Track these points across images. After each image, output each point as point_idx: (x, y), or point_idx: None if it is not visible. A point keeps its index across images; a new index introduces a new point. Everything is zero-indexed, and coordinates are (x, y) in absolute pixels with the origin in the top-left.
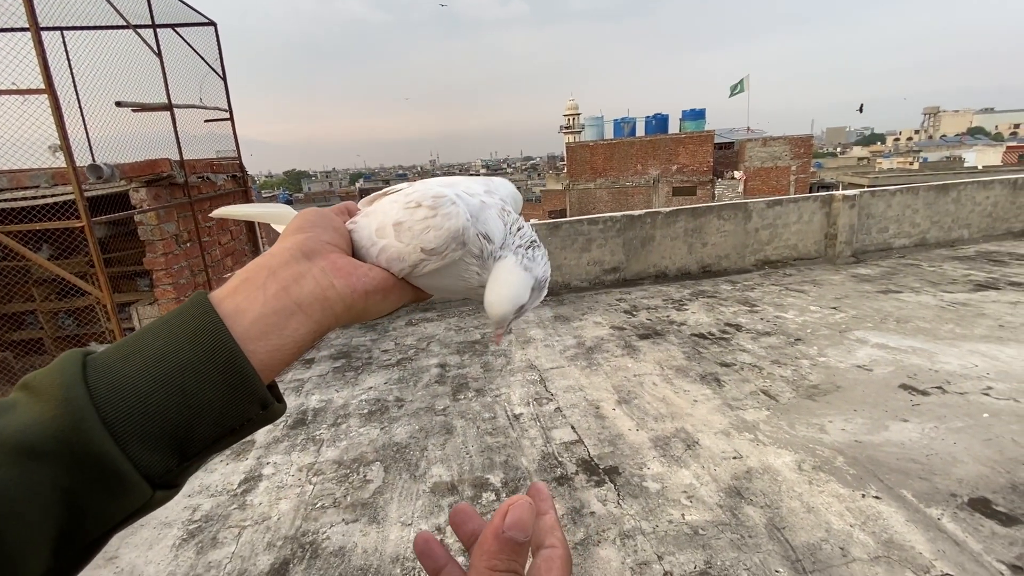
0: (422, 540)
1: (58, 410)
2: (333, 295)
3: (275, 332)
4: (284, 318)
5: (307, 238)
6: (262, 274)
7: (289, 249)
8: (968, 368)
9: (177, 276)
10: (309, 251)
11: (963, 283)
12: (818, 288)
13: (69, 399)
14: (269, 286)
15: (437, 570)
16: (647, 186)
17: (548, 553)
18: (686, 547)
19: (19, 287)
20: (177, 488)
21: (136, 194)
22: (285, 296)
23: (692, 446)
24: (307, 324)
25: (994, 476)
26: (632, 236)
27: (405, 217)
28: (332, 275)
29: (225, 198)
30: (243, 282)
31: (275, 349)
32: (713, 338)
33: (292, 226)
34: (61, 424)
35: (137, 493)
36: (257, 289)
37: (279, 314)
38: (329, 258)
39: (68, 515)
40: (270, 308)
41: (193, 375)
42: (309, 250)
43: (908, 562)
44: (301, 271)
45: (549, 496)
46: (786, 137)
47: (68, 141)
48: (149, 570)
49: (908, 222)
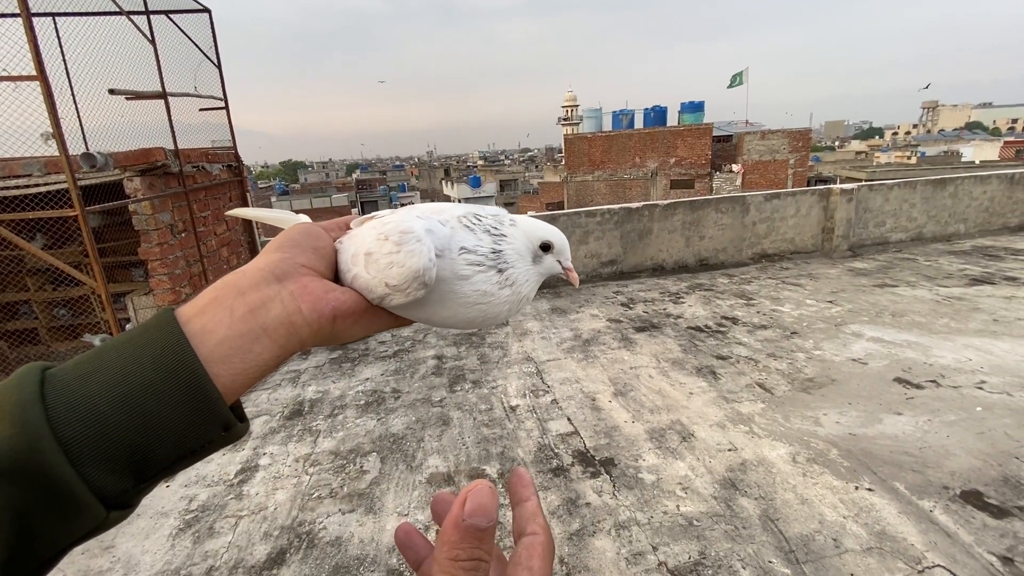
0: (402, 532)
1: (13, 429)
2: (299, 320)
3: (239, 355)
4: (249, 342)
5: (281, 259)
6: (230, 294)
7: (261, 270)
8: (962, 362)
9: (172, 266)
10: (281, 273)
11: (959, 278)
12: (815, 282)
13: (25, 419)
14: (237, 308)
15: (418, 562)
16: (645, 179)
17: (529, 540)
18: (680, 538)
19: (13, 277)
20: (132, 508)
21: (130, 183)
22: (252, 319)
23: (687, 438)
24: (272, 349)
25: (986, 469)
26: (630, 229)
27: (375, 248)
28: (300, 299)
29: (220, 188)
30: (211, 301)
31: (239, 372)
32: (709, 331)
33: (274, 243)
34: (16, 444)
35: (90, 515)
36: (224, 310)
37: (244, 337)
38: (300, 281)
39: (19, 536)
40: (236, 331)
41: (155, 396)
42: (281, 272)
43: (900, 553)
44: (270, 294)
45: (531, 482)
46: (784, 130)
47: (60, 129)
48: (146, 559)
49: (905, 216)
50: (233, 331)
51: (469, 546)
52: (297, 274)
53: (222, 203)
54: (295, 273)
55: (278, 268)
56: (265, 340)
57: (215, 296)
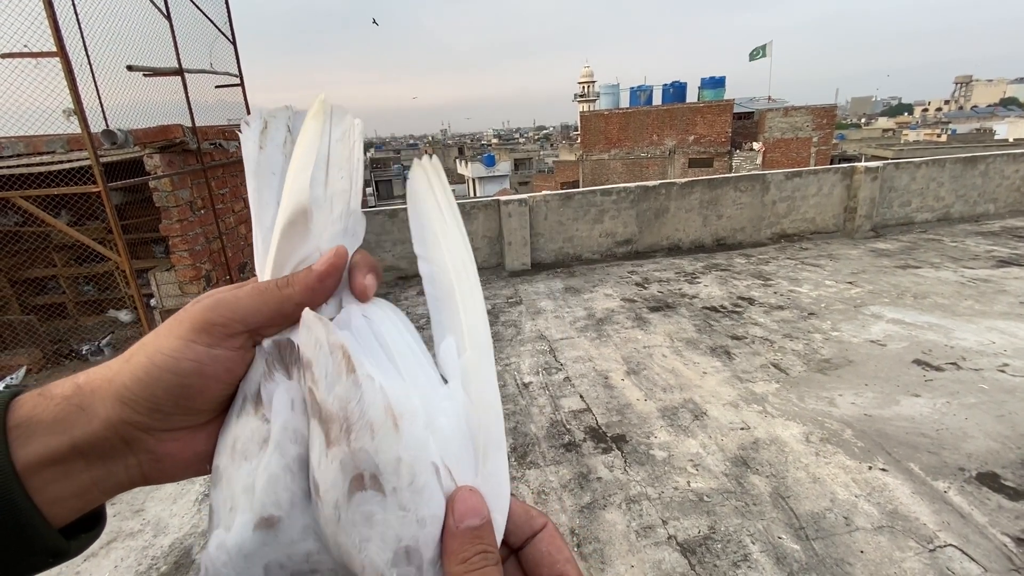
0: None
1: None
2: (140, 482)
3: (74, 501)
4: (86, 502)
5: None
6: (67, 450)
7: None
8: (985, 345)
9: (192, 243)
10: (129, 437)
11: (985, 259)
12: (835, 262)
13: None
14: (73, 471)
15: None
16: (663, 157)
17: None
18: (691, 513)
19: (40, 253)
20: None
21: (150, 160)
22: (90, 492)
23: (700, 416)
24: (102, 499)
25: (1004, 451)
26: (646, 208)
27: None
28: (148, 471)
29: (238, 165)
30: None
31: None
32: (725, 311)
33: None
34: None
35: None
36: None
37: (80, 498)
38: (152, 452)
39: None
40: (72, 489)
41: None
42: (129, 436)
43: (912, 532)
44: (114, 469)
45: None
46: (808, 107)
47: (82, 105)
48: (174, 522)
49: (932, 196)
50: (68, 491)
51: (471, 545)
52: (148, 441)
53: (239, 180)
54: (145, 441)
55: (129, 429)
56: (95, 492)
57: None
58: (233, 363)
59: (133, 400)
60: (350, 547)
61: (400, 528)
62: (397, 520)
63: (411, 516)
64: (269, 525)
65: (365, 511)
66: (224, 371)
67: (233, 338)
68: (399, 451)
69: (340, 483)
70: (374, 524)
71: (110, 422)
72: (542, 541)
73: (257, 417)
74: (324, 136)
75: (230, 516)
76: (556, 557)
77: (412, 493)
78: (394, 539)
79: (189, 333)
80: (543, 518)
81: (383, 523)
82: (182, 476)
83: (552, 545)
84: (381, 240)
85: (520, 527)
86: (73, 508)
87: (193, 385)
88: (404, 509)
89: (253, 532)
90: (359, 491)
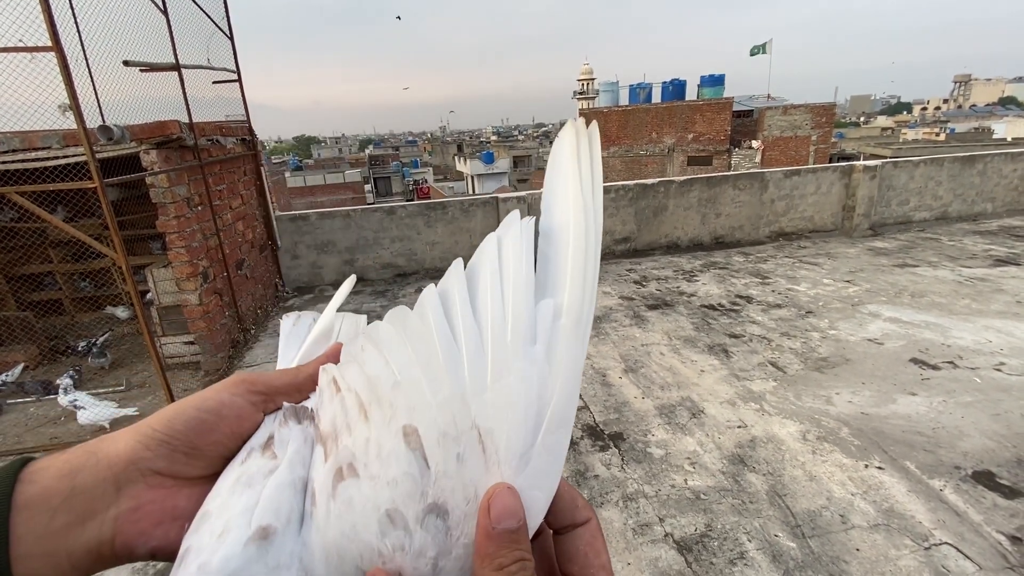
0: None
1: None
2: (107, 552)
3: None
4: (51, 565)
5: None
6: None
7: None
8: (982, 343)
9: (190, 239)
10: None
11: (983, 258)
12: (832, 261)
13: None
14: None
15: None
16: (662, 155)
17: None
18: (687, 510)
19: (37, 249)
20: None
21: (147, 156)
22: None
23: (697, 415)
24: (71, 574)
25: (1000, 450)
26: (644, 205)
27: None
28: (119, 529)
29: (235, 162)
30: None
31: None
32: (723, 310)
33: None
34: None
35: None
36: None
37: (48, 558)
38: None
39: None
40: (43, 548)
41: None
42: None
43: (907, 531)
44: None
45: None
46: (807, 105)
47: (77, 100)
48: None
49: (930, 195)
50: (41, 547)
51: (508, 550)
52: (138, 486)
53: (237, 177)
54: (136, 484)
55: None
56: (66, 566)
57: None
58: (245, 414)
59: (149, 435)
60: (344, 541)
61: (376, 496)
62: (371, 490)
63: (381, 481)
64: (263, 536)
65: (346, 497)
66: (235, 417)
67: (254, 394)
68: (368, 433)
69: (329, 482)
70: (354, 505)
71: (117, 460)
72: (581, 538)
73: (265, 457)
74: (337, 320)
75: (219, 541)
76: (592, 560)
77: (379, 461)
78: (373, 509)
79: (221, 385)
80: (589, 512)
81: (361, 499)
82: (145, 537)
83: (591, 547)
84: (379, 237)
85: (562, 511)
86: (36, 573)
87: (208, 421)
88: (374, 478)
89: (244, 547)
90: (340, 482)
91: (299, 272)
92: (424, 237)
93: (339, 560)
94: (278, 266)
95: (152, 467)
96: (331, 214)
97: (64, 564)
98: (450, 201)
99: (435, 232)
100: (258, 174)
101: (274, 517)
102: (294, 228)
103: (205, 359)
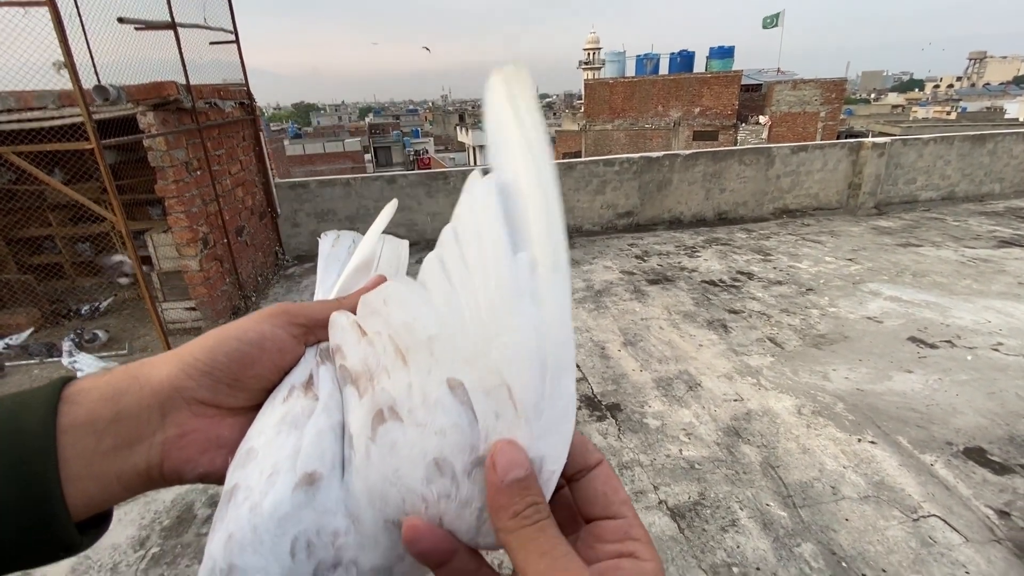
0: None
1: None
2: (156, 476)
3: (95, 486)
4: (101, 485)
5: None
6: (108, 412)
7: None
8: (981, 324)
9: (189, 204)
10: (170, 406)
11: (987, 239)
12: (835, 239)
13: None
14: (105, 438)
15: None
16: (667, 129)
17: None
18: (681, 479)
19: (36, 212)
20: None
21: (144, 118)
22: (110, 461)
23: (694, 388)
24: (122, 495)
25: (993, 428)
26: (649, 179)
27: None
28: (166, 454)
29: (233, 126)
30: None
31: (91, 500)
32: (723, 285)
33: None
34: None
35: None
36: (92, 435)
37: (97, 480)
38: (182, 426)
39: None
40: (92, 470)
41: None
42: (170, 405)
43: (897, 503)
44: (142, 432)
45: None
46: (818, 80)
47: (72, 58)
48: None
49: (938, 174)
50: (90, 469)
51: (520, 498)
52: (183, 414)
53: (235, 142)
54: (181, 412)
55: (174, 395)
56: (116, 487)
57: (104, 397)
58: (287, 347)
59: (192, 364)
60: (386, 485)
61: (423, 443)
62: (418, 437)
63: (429, 429)
64: (310, 482)
65: (389, 440)
66: (277, 350)
67: (295, 326)
68: (409, 379)
69: (367, 424)
70: (398, 450)
71: (160, 387)
72: (597, 479)
73: (308, 397)
74: (379, 244)
75: (268, 482)
76: (612, 498)
77: (425, 409)
78: (420, 456)
79: (261, 315)
80: (599, 455)
81: (406, 445)
82: (192, 464)
83: (608, 485)
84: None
85: (573, 457)
86: (86, 493)
87: (250, 354)
88: (421, 425)
89: (292, 493)
90: (381, 424)
91: (299, 240)
92: (425, 207)
93: (383, 504)
94: (278, 234)
95: (196, 396)
96: (331, 182)
97: (114, 486)
98: (452, 171)
99: (436, 203)
100: (257, 140)
101: (319, 463)
102: (294, 196)
103: (206, 325)
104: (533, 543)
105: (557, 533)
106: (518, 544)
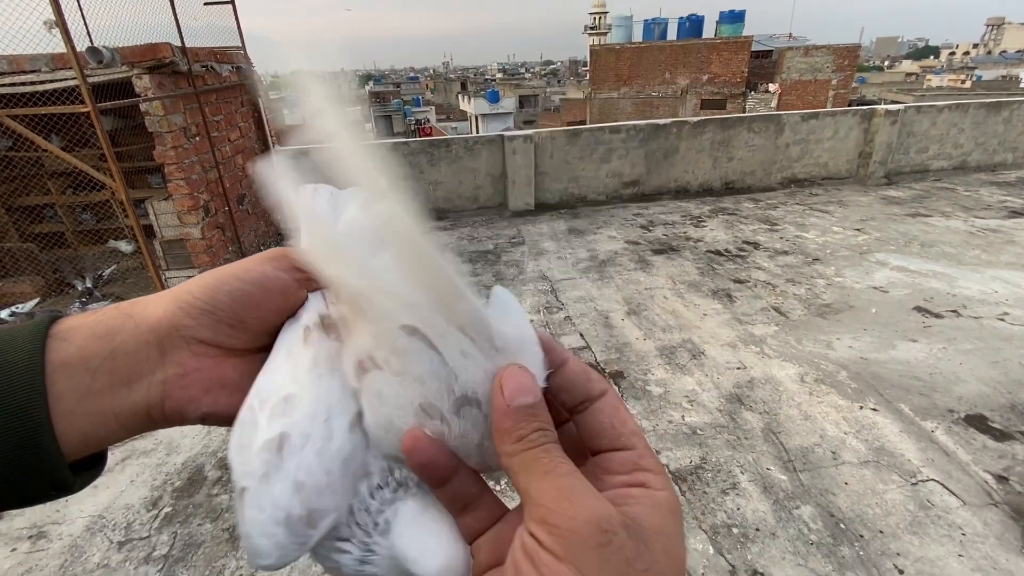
0: (410, 439)
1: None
2: (157, 415)
3: (88, 424)
4: (97, 423)
5: (184, 322)
6: (102, 350)
7: (161, 320)
8: (987, 294)
9: (189, 171)
10: (169, 344)
11: (997, 209)
12: (844, 209)
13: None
14: (99, 376)
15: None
16: (674, 97)
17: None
18: (683, 444)
19: (35, 179)
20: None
21: (139, 81)
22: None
23: (697, 356)
24: (119, 433)
25: (995, 396)
26: (655, 147)
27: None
28: (167, 393)
29: (231, 91)
30: (89, 340)
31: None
32: (729, 255)
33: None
34: None
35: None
36: (86, 373)
37: (92, 417)
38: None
39: None
40: (86, 407)
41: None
42: (169, 343)
43: (896, 467)
44: (140, 371)
45: (555, 343)
46: (830, 46)
47: (63, 16)
48: (185, 443)
49: (951, 143)
50: (84, 406)
51: (527, 423)
52: (182, 353)
53: (234, 108)
54: (180, 351)
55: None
56: (113, 425)
57: (95, 334)
58: (290, 290)
59: (191, 303)
60: (381, 431)
61: (407, 392)
62: (399, 385)
63: (408, 378)
64: (356, 423)
65: (375, 390)
66: (279, 293)
67: (298, 271)
68: (372, 327)
69: (353, 375)
70: (385, 399)
71: (158, 325)
72: (603, 411)
73: (331, 339)
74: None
75: (326, 427)
76: (620, 430)
77: (397, 357)
78: (407, 404)
79: (261, 258)
80: (603, 384)
81: (392, 395)
82: (195, 404)
83: (615, 416)
84: None
85: (575, 384)
86: (80, 430)
87: (253, 295)
88: (399, 374)
89: (350, 433)
90: (364, 375)
91: None
92: (427, 176)
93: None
94: None
95: (196, 336)
96: None
97: (112, 423)
98: (454, 139)
99: (438, 171)
100: (256, 106)
101: (358, 404)
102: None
103: None
104: (536, 463)
105: (562, 455)
106: (521, 466)
